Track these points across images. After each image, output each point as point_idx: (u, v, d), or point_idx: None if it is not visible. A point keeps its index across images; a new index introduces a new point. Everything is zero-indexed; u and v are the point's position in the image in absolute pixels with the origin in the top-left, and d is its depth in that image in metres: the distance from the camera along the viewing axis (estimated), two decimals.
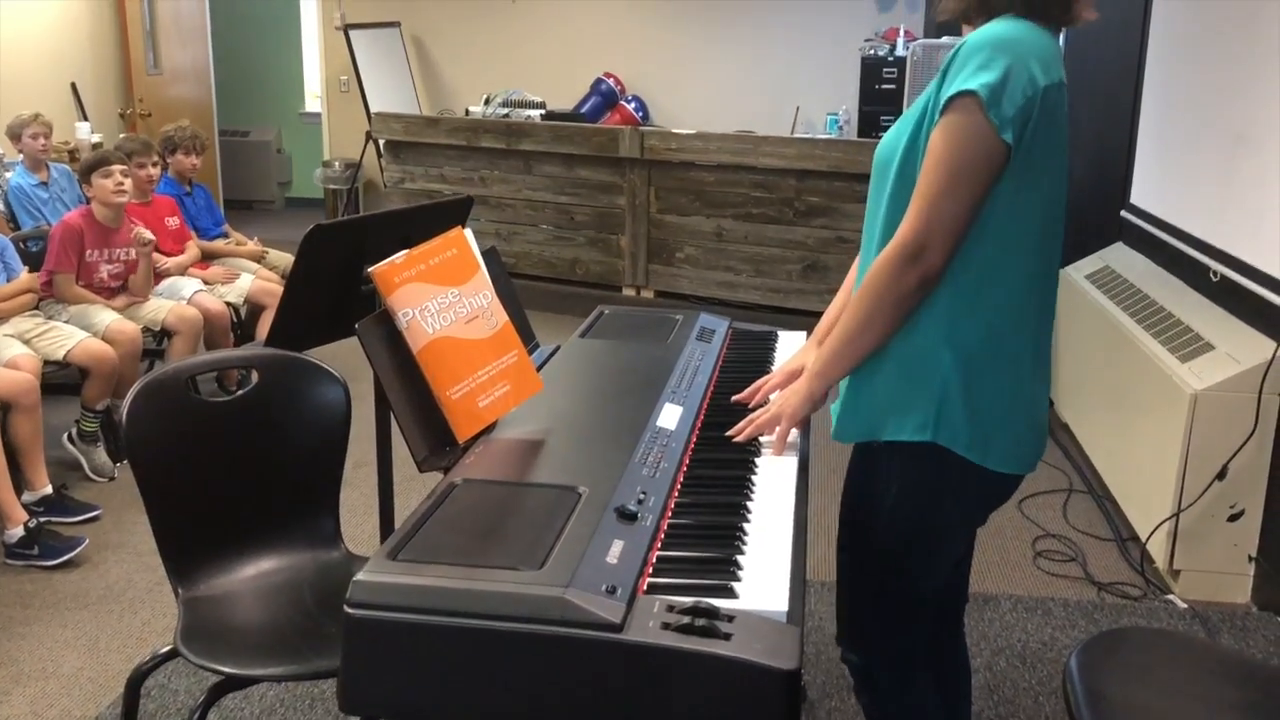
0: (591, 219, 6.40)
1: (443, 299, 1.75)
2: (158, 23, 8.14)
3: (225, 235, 5.34)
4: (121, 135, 6.69)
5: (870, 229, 1.69)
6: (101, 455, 4.08)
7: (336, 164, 8.36)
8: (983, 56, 1.47)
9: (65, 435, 4.11)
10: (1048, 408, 1.72)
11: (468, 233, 1.89)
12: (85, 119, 7.34)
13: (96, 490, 3.96)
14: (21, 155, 5.40)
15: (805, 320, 5.83)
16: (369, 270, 1.70)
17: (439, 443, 1.72)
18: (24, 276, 4.06)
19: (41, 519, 3.52)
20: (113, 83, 7.92)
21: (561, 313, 6.27)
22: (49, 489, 3.68)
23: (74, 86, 7.46)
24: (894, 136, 1.64)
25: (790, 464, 1.74)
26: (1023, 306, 1.61)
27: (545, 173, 6.46)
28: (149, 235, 4.31)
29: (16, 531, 3.39)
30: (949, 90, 1.49)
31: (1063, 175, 1.60)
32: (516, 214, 6.59)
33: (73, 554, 3.41)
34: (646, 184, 6.17)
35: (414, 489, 3.66)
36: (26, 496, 3.60)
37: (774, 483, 1.67)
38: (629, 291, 6.40)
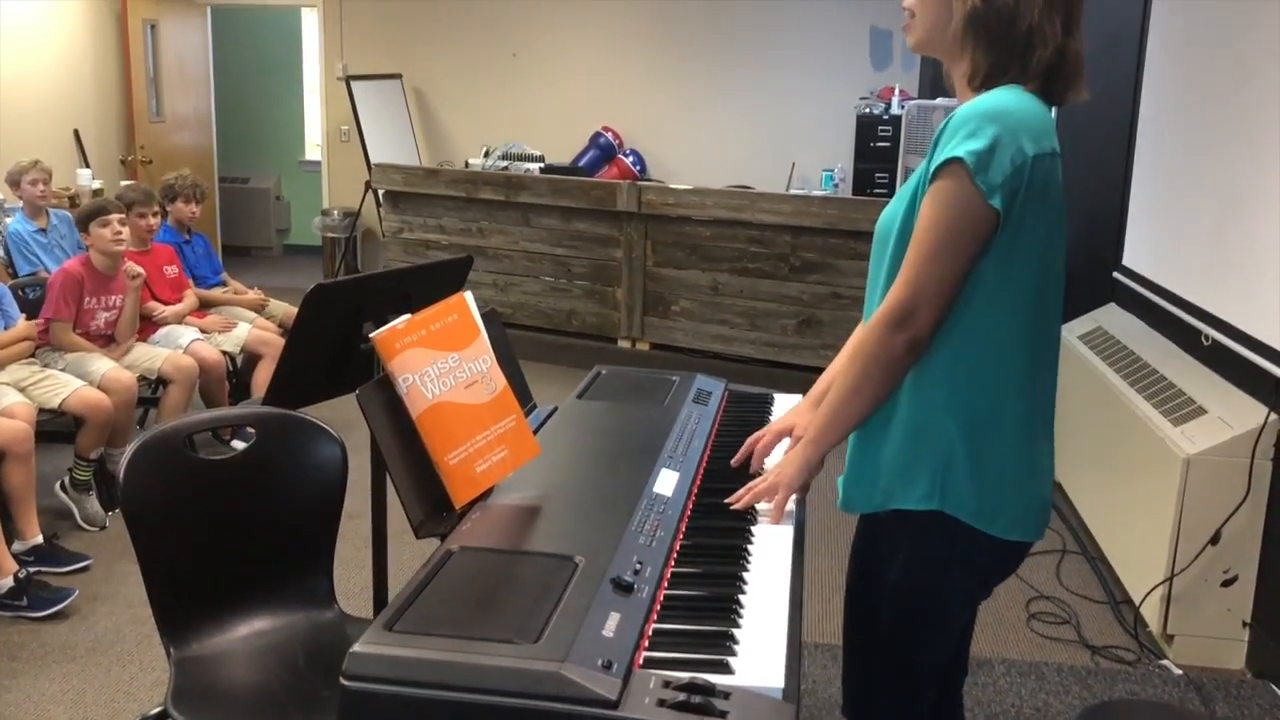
0: (588, 271, 6.44)
1: (443, 364, 1.76)
2: (162, 70, 8.23)
3: (224, 284, 5.36)
4: (123, 183, 6.74)
5: (871, 297, 1.71)
6: (94, 504, 4.07)
7: (335, 213, 8.41)
8: (972, 126, 1.50)
9: (58, 483, 4.09)
10: (1053, 473, 1.73)
11: (469, 296, 1.90)
12: (86, 165, 7.39)
13: (87, 539, 3.94)
14: (21, 202, 5.43)
15: (800, 375, 5.86)
16: (370, 336, 1.71)
17: (436, 508, 1.72)
18: (21, 324, 4.07)
19: (31, 569, 3.50)
20: (115, 129, 7.99)
21: (557, 364, 6.29)
22: (40, 538, 3.66)
23: (76, 133, 7.52)
24: (892, 210, 1.67)
25: (786, 533, 1.74)
26: (1024, 373, 1.62)
27: (543, 225, 6.51)
28: (138, 269, 4.31)
29: (6, 582, 3.37)
30: (938, 159, 1.52)
31: (1060, 243, 1.62)
32: (514, 265, 6.63)
33: (62, 605, 3.39)
34: (643, 237, 6.22)
35: (406, 542, 3.64)
36: (17, 546, 3.58)
37: (770, 553, 1.67)
38: (624, 344, 6.43)
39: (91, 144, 7.63)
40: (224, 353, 4.72)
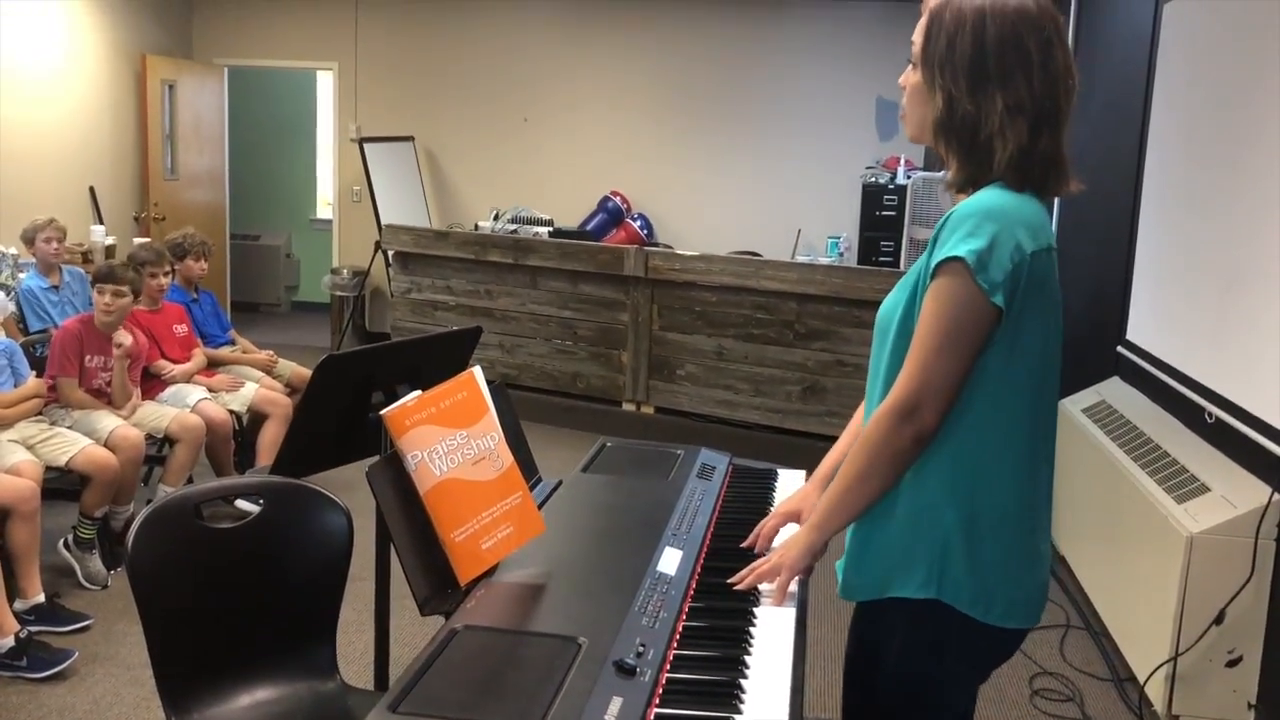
0: (594, 334, 6.48)
1: (451, 441, 1.78)
2: (178, 129, 8.36)
3: (232, 342, 5.40)
4: (137, 242, 6.82)
5: (872, 386, 1.73)
6: (96, 563, 4.07)
7: (345, 271, 8.49)
8: (971, 224, 1.54)
9: (61, 541, 4.10)
10: (1050, 557, 1.74)
11: (478, 372, 1.93)
12: (101, 222, 7.48)
13: (88, 598, 3.93)
14: (35, 258, 5.50)
15: (804, 442, 5.87)
16: (381, 414, 1.73)
17: (441, 584, 1.73)
18: (31, 382, 4.10)
19: (32, 628, 3.50)
20: (130, 186, 8.10)
21: (561, 425, 6.31)
22: (41, 597, 3.66)
23: (92, 190, 7.62)
24: (892, 301, 1.70)
25: (788, 616, 1.75)
26: (1024, 463, 1.64)
27: (550, 288, 6.57)
28: (127, 339, 4.30)
29: (6, 642, 3.36)
30: (938, 256, 1.55)
31: (1057, 332, 1.65)
32: (520, 327, 6.68)
33: (61, 667, 3.38)
34: (649, 302, 6.27)
35: (408, 606, 3.63)
36: (19, 604, 3.57)
37: (773, 636, 1.68)
38: (629, 407, 6.45)
39: (106, 200, 7.73)
40: (230, 411, 4.74)
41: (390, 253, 7.15)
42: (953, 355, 1.55)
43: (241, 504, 4.07)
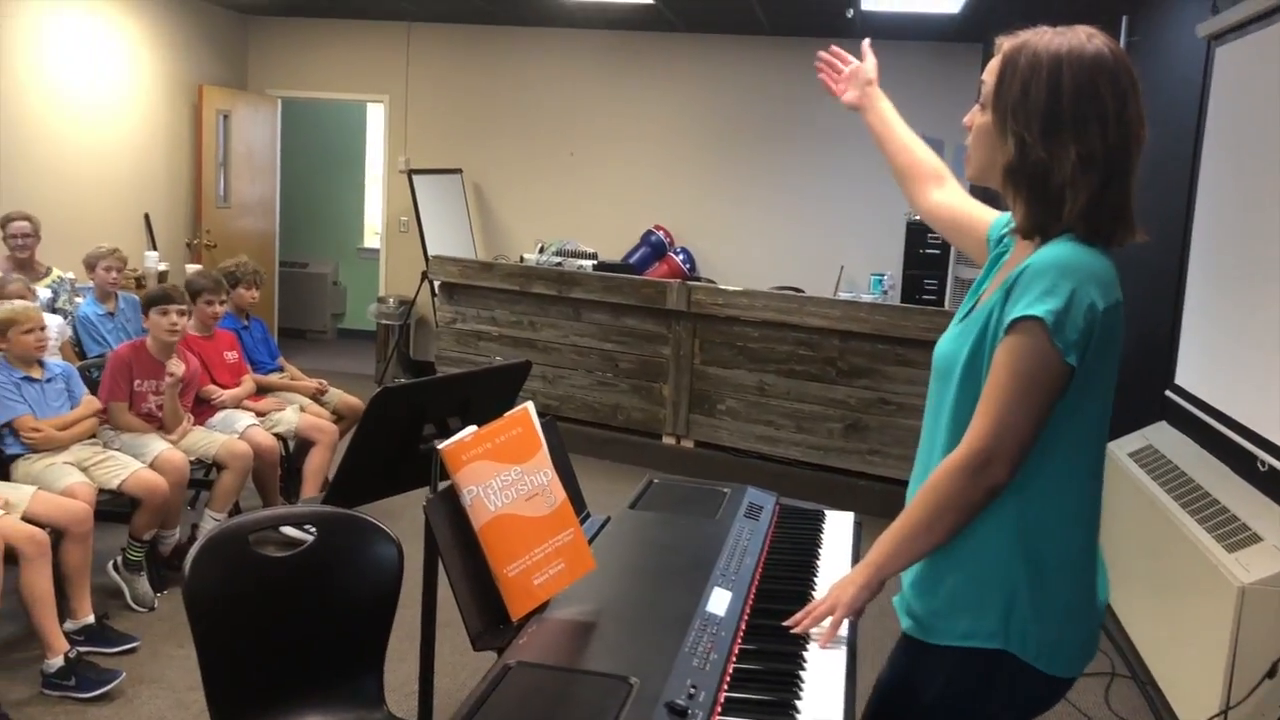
0: (636, 367, 6.51)
1: (506, 476, 1.81)
2: (231, 158, 8.53)
3: (281, 369, 5.47)
4: (189, 268, 6.96)
5: (933, 429, 1.73)
6: (144, 585, 4.13)
7: (391, 300, 8.59)
8: (1048, 281, 1.53)
9: (110, 563, 4.16)
10: (1105, 600, 1.73)
11: (531, 409, 1.96)
12: (154, 248, 7.63)
13: (135, 620, 3.99)
14: (93, 284, 5.62)
15: (845, 480, 5.85)
16: (439, 448, 1.76)
17: (493, 619, 1.75)
18: (85, 402, 4.17)
19: (81, 648, 3.55)
20: (183, 214, 8.27)
21: (601, 458, 6.33)
22: (91, 618, 3.71)
23: (147, 217, 7.78)
24: (955, 343, 1.69)
25: (839, 659, 1.75)
26: (1083, 507, 1.65)
27: (593, 320, 6.61)
28: (180, 368, 4.37)
29: (56, 661, 3.42)
30: (1015, 312, 1.55)
31: (1113, 383, 1.65)
32: (562, 358, 6.72)
33: (109, 687, 3.43)
34: (691, 336, 6.29)
35: (449, 635, 3.65)
36: (69, 625, 3.63)
37: (824, 678, 1.68)
38: (669, 440, 6.46)
39: (160, 226, 7.90)
40: (277, 437, 4.80)
41: (436, 283, 7.23)
42: (1027, 411, 1.55)
43: (287, 530, 4.12)
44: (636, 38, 8.39)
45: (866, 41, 2.18)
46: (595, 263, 7.34)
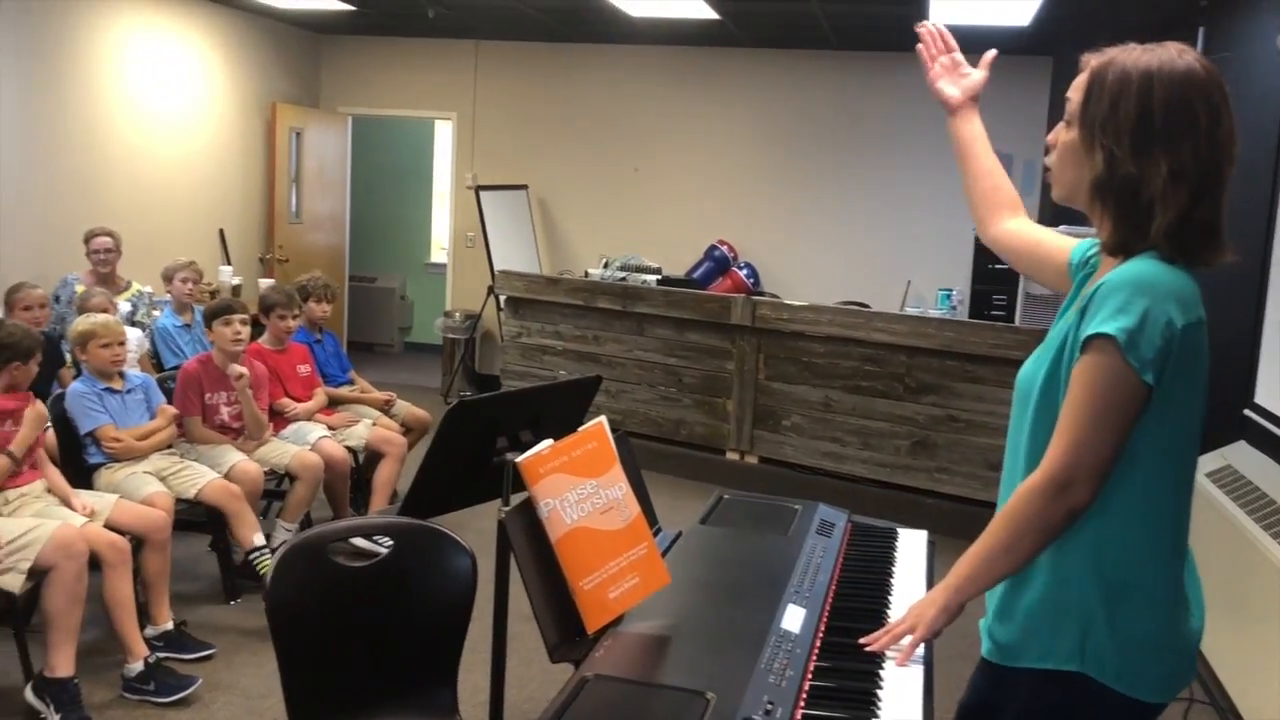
0: (699, 382, 6.51)
1: (581, 490, 1.82)
2: (303, 175, 8.71)
3: (352, 382, 5.56)
4: (262, 282, 7.11)
5: (1014, 454, 1.72)
6: None
7: (457, 314, 8.70)
8: (1121, 298, 1.51)
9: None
10: (1201, 630, 1.70)
11: (605, 424, 1.97)
12: (228, 263, 7.81)
13: (211, 628, 4.06)
14: (170, 296, 5.77)
15: (912, 497, 5.79)
16: (517, 461, 1.78)
17: (569, 632, 1.76)
18: (160, 411, 4.27)
19: (160, 654, 3.64)
20: (256, 229, 8.45)
21: (664, 473, 6.32)
22: (170, 625, 3.80)
23: (221, 232, 7.97)
24: (1034, 366, 1.68)
25: (916, 678, 1.73)
26: (1169, 535, 1.62)
27: (657, 335, 6.62)
28: (240, 369, 4.45)
29: (136, 666, 3.51)
30: (1088, 330, 1.53)
31: (1201, 404, 1.62)
32: (626, 373, 6.74)
33: (186, 693, 3.50)
34: (756, 351, 6.28)
35: (515, 647, 3.67)
36: (148, 630, 3.72)
37: (900, 700, 1.67)
38: (733, 456, 6.44)
39: (234, 242, 8.08)
40: (348, 449, 4.88)
41: (502, 297, 7.30)
42: (1105, 431, 1.53)
43: (357, 541, 4.18)
44: (701, 53, 8.42)
45: (992, 53, 2.13)
46: (659, 277, 7.37)
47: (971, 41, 7.76)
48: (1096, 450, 1.53)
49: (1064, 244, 1.89)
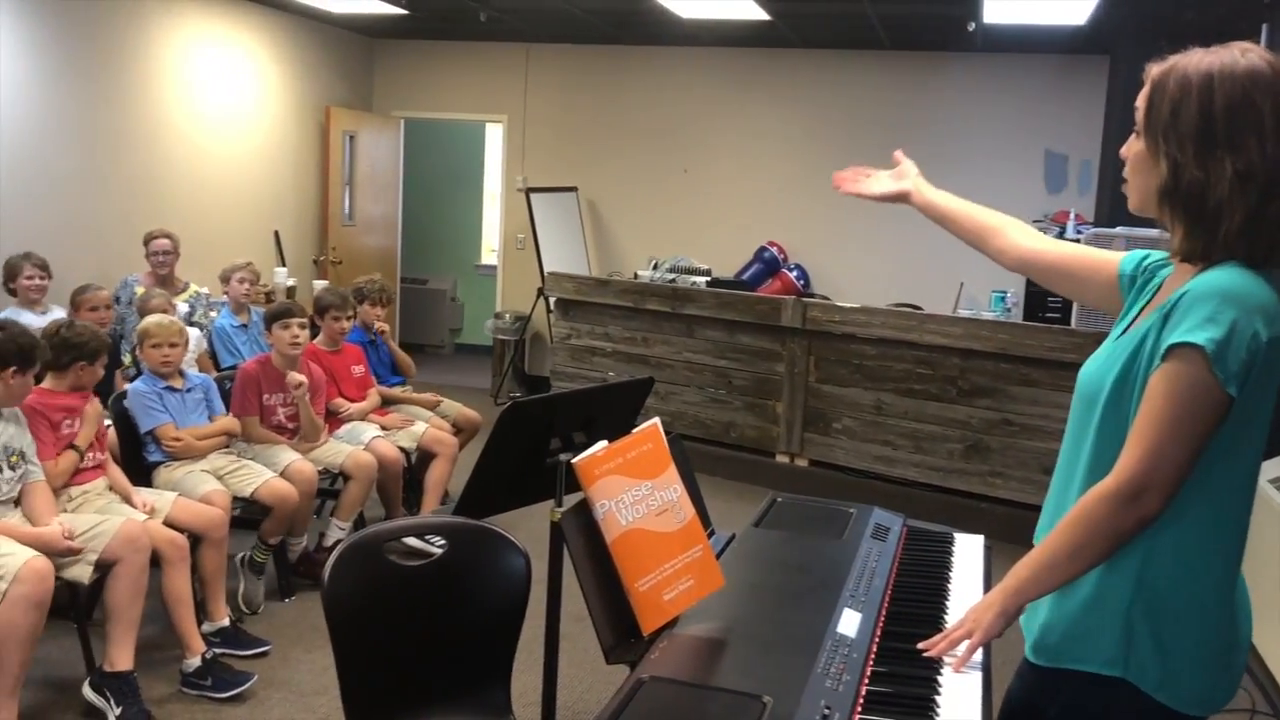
0: (749, 384, 6.49)
1: (636, 491, 1.82)
2: (356, 177, 8.80)
3: (403, 383, 5.61)
4: (317, 284, 7.20)
5: (1074, 453, 1.69)
6: (258, 589, 4.26)
7: (507, 316, 8.75)
8: (1210, 308, 1.48)
9: (239, 556, 4.27)
10: (1248, 644, 1.66)
11: (660, 426, 1.97)
12: (283, 264, 7.92)
13: (266, 625, 4.12)
14: (227, 297, 5.87)
15: (965, 501, 5.72)
16: (573, 462, 1.79)
17: (625, 633, 1.76)
18: (225, 420, 4.34)
19: (217, 649, 3.69)
20: (310, 231, 8.56)
21: (714, 474, 6.31)
22: (226, 621, 3.86)
23: (276, 234, 8.08)
24: (1102, 365, 1.65)
25: (974, 683, 1.71)
26: (1224, 544, 1.59)
27: (707, 337, 6.61)
28: (300, 378, 4.50)
29: (194, 661, 3.56)
30: (1173, 337, 1.50)
31: (1269, 418, 1.59)
32: (675, 375, 6.74)
33: (242, 689, 3.55)
34: (806, 353, 6.24)
35: (566, 647, 3.68)
36: (205, 627, 3.78)
37: (958, 703, 1.65)
38: (783, 459, 6.41)
39: (288, 244, 8.19)
40: (401, 449, 4.92)
41: (552, 299, 7.33)
42: (1184, 442, 1.50)
43: (409, 540, 4.21)
44: (752, 54, 8.39)
45: (899, 152, 2.19)
46: (709, 279, 7.35)
47: (1027, 40, 7.65)
48: (1173, 460, 1.50)
49: (1106, 257, 1.86)
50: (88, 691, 3.38)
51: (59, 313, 5.10)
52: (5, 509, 3.32)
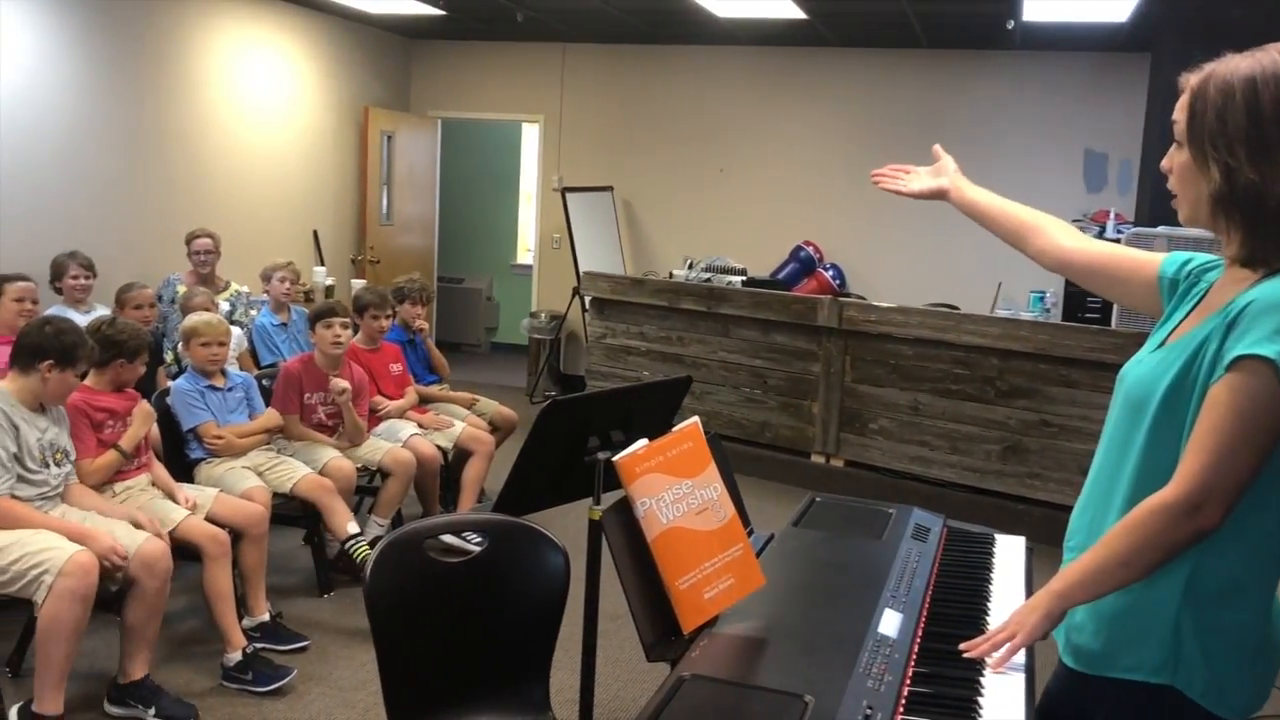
0: (785, 384, 6.47)
1: (677, 490, 1.82)
2: (394, 177, 8.87)
3: (439, 381, 5.64)
4: (354, 282, 7.26)
5: (1118, 459, 1.66)
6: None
7: (543, 315, 8.78)
8: (1278, 319, 1.46)
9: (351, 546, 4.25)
10: None
11: (699, 424, 1.97)
12: (322, 264, 7.99)
13: (304, 621, 4.15)
14: (267, 296, 5.93)
15: (1001, 503, 5.68)
16: (614, 460, 1.79)
17: (665, 630, 1.76)
18: (267, 417, 4.39)
19: (257, 644, 3.73)
20: (349, 231, 8.64)
21: (749, 475, 6.30)
22: (266, 616, 3.90)
23: (315, 234, 8.16)
24: (1152, 371, 1.62)
25: (1018, 685, 1.70)
26: (1276, 554, 1.57)
27: (742, 336, 6.60)
28: (343, 384, 4.54)
29: (235, 656, 3.60)
30: (1239, 349, 1.47)
31: None
32: (710, 374, 6.73)
33: (282, 683, 3.59)
34: (843, 353, 6.22)
35: (605, 646, 3.70)
36: (246, 621, 3.82)
37: (1001, 705, 1.63)
38: (818, 459, 6.39)
39: (327, 243, 8.27)
40: (438, 448, 4.95)
41: (587, 298, 7.35)
42: (1246, 455, 1.47)
43: (446, 538, 4.23)
44: (788, 53, 8.37)
45: (938, 146, 2.22)
46: (744, 279, 7.34)
47: (1067, 38, 7.57)
48: (1235, 473, 1.48)
49: (1146, 257, 1.84)
50: (111, 708, 3.36)
51: (103, 311, 5.18)
52: (50, 504, 3.37)
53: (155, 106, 6.68)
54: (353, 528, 4.21)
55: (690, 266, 7.58)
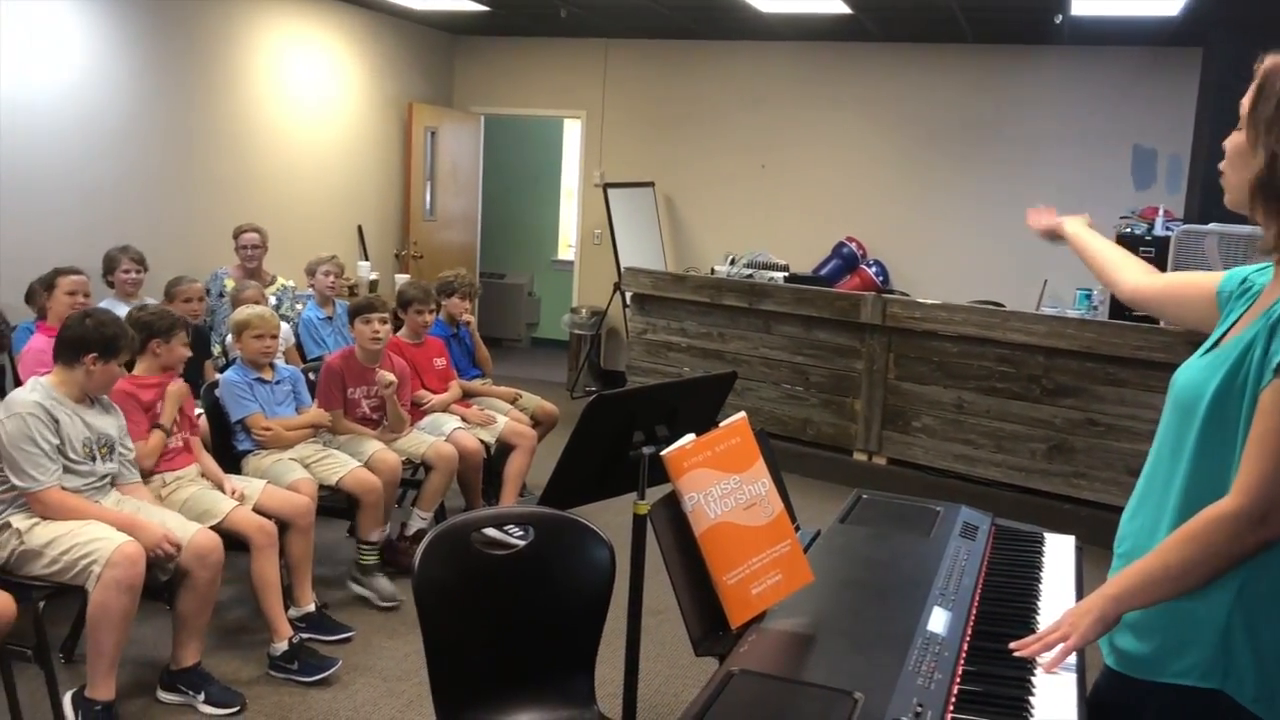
0: (827, 381, 6.44)
1: (725, 485, 1.82)
2: (437, 173, 8.92)
3: (481, 375, 5.67)
4: (398, 278, 7.32)
5: (1170, 464, 1.64)
6: (384, 582, 4.29)
7: (583, 311, 8.80)
8: None
9: (349, 580, 4.36)
10: None
11: (746, 420, 1.96)
12: (366, 258, 8.06)
13: (350, 611, 4.19)
14: (312, 290, 5.99)
15: (1046, 502, 5.61)
16: (662, 455, 1.79)
17: (713, 626, 1.76)
18: (314, 412, 4.43)
19: (303, 634, 3.77)
20: (392, 226, 8.70)
21: (791, 472, 6.27)
22: (312, 606, 3.94)
23: (360, 229, 8.23)
24: (1200, 375, 1.60)
25: (1069, 685, 1.68)
26: None
27: (784, 333, 6.58)
28: (390, 378, 4.56)
29: (281, 645, 3.64)
30: None
31: None
32: (752, 370, 6.71)
33: (327, 673, 3.63)
34: (886, 350, 6.18)
35: (647, 641, 3.70)
36: (292, 612, 3.86)
37: (1053, 705, 1.62)
38: (860, 456, 6.36)
39: (371, 238, 8.34)
40: (481, 442, 4.98)
41: (628, 294, 7.35)
42: None
43: (489, 531, 4.26)
44: (832, 48, 8.32)
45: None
46: (786, 275, 7.31)
47: (1115, 32, 7.47)
48: None
49: (1206, 279, 1.86)
50: (163, 694, 3.43)
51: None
52: (100, 495, 3.42)
53: (204, 104, 6.77)
54: (375, 535, 4.28)
55: (732, 262, 7.56)
